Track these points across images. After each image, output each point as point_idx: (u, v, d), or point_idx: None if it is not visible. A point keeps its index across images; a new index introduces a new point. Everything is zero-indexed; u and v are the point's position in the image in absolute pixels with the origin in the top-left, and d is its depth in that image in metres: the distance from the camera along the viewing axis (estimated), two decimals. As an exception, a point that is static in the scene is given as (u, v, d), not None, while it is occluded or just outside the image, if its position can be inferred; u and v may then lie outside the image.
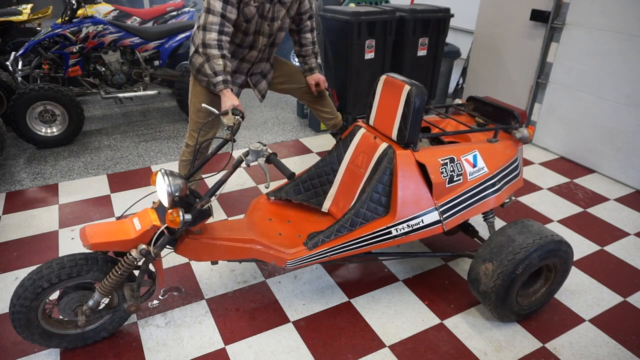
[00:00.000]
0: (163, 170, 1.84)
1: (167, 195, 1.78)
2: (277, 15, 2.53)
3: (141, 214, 1.93)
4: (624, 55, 3.50)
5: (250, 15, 2.41)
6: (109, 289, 1.90)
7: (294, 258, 2.09)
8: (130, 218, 1.94)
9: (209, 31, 2.28)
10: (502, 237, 2.15)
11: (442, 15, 4.50)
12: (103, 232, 1.84)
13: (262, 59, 2.71)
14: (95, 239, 1.80)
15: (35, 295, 1.84)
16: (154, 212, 1.93)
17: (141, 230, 1.85)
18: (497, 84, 4.65)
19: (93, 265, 1.90)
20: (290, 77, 2.96)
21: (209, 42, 2.28)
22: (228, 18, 2.31)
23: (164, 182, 1.79)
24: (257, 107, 5.28)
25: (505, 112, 2.53)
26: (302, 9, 2.72)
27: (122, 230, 1.86)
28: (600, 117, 3.76)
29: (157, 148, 4.16)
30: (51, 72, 4.28)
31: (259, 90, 2.80)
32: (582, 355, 2.13)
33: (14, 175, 3.63)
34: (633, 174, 3.62)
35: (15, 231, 2.93)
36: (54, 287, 1.87)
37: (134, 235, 1.84)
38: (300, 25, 2.80)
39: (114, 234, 1.83)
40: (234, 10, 2.33)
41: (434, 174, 2.18)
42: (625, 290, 2.54)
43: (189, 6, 5.90)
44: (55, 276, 1.84)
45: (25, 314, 1.86)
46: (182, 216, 1.77)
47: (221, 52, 2.32)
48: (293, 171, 1.82)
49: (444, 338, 2.21)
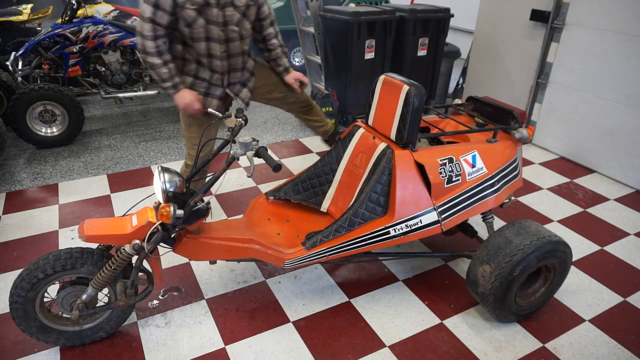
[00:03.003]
0: (160, 167, 1.86)
1: (162, 191, 1.80)
2: (230, 20, 2.38)
3: (140, 212, 1.95)
4: (624, 55, 3.50)
5: (190, 19, 2.28)
6: (102, 283, 1.92)
7: (292, 258, 2.09)
8: (130, 216, 1.96)
9: (145, 38, 2.25)
10: (500, 239, 2.15)
11: (442, 15, 4.50)
12: (100, 226, 1.87)
13: (234, 68, 2.56)
14: (91, 231, 1.83)
15: (31, 285, 1.87)
16: (152, 210, 1.94)
17: (137, 226, 1.86)
18: (497, 84, 4.65)
19: (88, 259, 1.93)
20: (275, 86, 2.83)
21: (148, 49, 2.26)
22: (158, 22, 2.23)
23: (159, 178, 1.82)
24: (258, 107, 5.28)
25: (504, 112, 2.53)
26: (261, 14, 2.60)
27: (118, 226, 1.89)
28: (600, 117, 3.76)
29: (157, 148, 4.17)
30: (51, 72, 4.29)
31: (242, 98, 2.68)
32: (582, 355, 2.13)
33: (14, 175, 3.64)
34: (633, 174, 3.62)
35: (15, 231, 2.93)
36: (49, 278, 1.90)
37: (129, 230, 1.86)
38: (262, 32, 2.69)
39: (109, 228, 1.87)
40: (165, 15, 2.23)
41: (432, 174, 2.18)
42: (625, 290, 2.54)
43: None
44: (51, 267, 1.87)
45: (23, 304, 1.90)
46: (174, 211, 1.78)
47: (162, 59, 2.29)
48: (279, 163, 1.82)
49: (444, 338, 2.21)
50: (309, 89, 5.15)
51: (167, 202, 1.82)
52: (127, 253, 1.87)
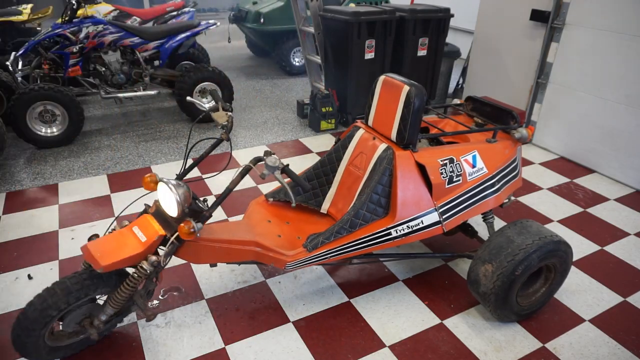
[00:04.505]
0: (166, 180, 1.82)
1: (177, 205, 1.78)
2: None
3: (141, 223, 1.90)
4: (623, 55, 3.50)
5: None
6: (122, 302, 1.90)
7: (293, 260, 2.09)
8: (129, 227, 1.90)
9: None
10: (501, 238, 2.15)
11: (442, 15, 4.50)
12: (110, 250, 1.79)
13: None
14: (105, 260, 1.75)
15: (44, 324, 1.80)
16: (153, 219, 1.91)
17: (147, 241, 1.83)
18: (497, 84, 4.65)
19: (99, 283, 1.87)
20: None
21: None
22: None
23: (172, 192, 1.77)
24: (257, 107, 5.28)
25: (503, 112, 2.53)
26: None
27: (128, 245, 1.82)
28: (600, 117, 3.76)
29: (157, 148, 4.17)
30: (51, 72, 4.29)
31: None
32: (582, 355, 2.14)
33: (14, 175, 3.64)
34: (633, 174, 3.62)
35: (15, 231, 2.93)
36: (63, 312, 1.83)
37: (141, 248, 1.82)
38: None
39: (121, 250, 1.79)
40: None
41: (433, 174, 2.18)
42: (625, 290, 2.54)
43: (189, 6, 5.89)
44: (64, 302, 1.80)
45: (34, 342, 1.83)
46: (195, 227, 1.79)
47: None
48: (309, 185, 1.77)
49: (444, 338, 2.21)
50: (309, 88, 5.15)
51: (183, 217, 1.82)
52: (146, 270, 1.84)
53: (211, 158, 3.97)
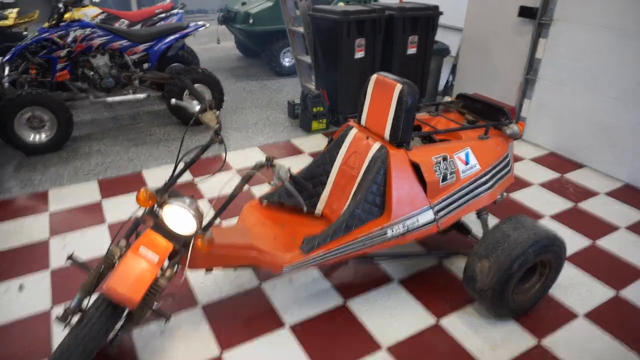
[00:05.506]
0: (174, 201, 1.83)
1: (196, 224, 1.84)
2: None
3: (147, 241, 1.86)
4: (611, 50, 3.53)
5: None
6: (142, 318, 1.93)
7: (290, 263, 2.07)
8: (136, 249, 1.83)
9: None
10: (497, 234, 2.16)
11: (431, 13, 4.51)
12: (132, 283, 1.76)
13: None
14: (136, 294, 1.74)
15: None
16: (156, 234, 1.89)
17: (161, 260, 1.83)
18: (486, 80, 4.67)
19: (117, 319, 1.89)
20: None
21: None
22: None
23: (189, 213, 1.82)
24: (249, 108, 5.26)
25: (494, 108, 2.54)
26: None
27: (145, 270, 1.79)
28: (589, 112, 3.79)
29: (148, 152, 4.13)
30: (39, 77, 4.22)
31: None
32: (577, 349, 2.15)
33: (2, 183, 3.58)
34: (623, 168, 3.65)
35: (5, 240, 2.88)
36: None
37: (157, 269, 1.82)
38: None
39: (142, 279, 1.78)
40: None
41: (427, 172, 2.18)
42: (617, 284, 2.56)
43: (178, 8, 5.85)
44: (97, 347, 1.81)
45: None
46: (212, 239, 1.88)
47: None
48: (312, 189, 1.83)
49: (440, 338, 2.21)
50: (300, 88, 5.13)
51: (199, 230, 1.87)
52: (164, 285, 1.87)
53: (202, 161, 3.94)
